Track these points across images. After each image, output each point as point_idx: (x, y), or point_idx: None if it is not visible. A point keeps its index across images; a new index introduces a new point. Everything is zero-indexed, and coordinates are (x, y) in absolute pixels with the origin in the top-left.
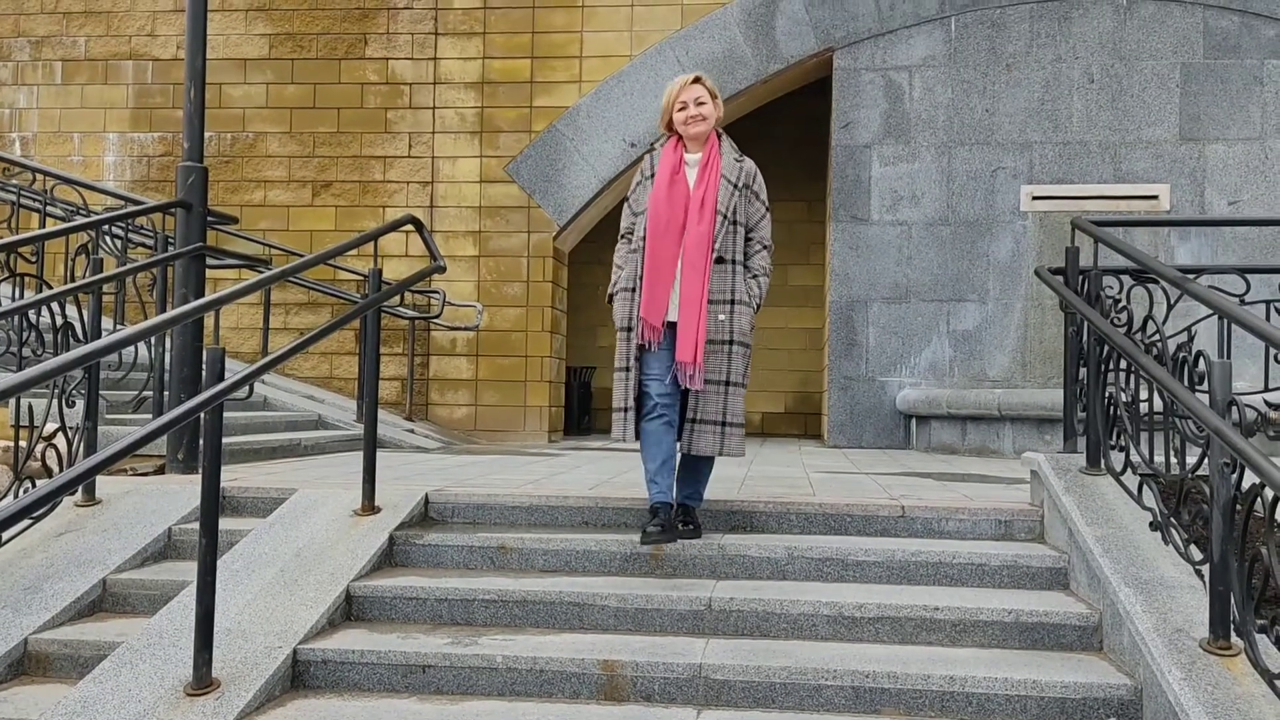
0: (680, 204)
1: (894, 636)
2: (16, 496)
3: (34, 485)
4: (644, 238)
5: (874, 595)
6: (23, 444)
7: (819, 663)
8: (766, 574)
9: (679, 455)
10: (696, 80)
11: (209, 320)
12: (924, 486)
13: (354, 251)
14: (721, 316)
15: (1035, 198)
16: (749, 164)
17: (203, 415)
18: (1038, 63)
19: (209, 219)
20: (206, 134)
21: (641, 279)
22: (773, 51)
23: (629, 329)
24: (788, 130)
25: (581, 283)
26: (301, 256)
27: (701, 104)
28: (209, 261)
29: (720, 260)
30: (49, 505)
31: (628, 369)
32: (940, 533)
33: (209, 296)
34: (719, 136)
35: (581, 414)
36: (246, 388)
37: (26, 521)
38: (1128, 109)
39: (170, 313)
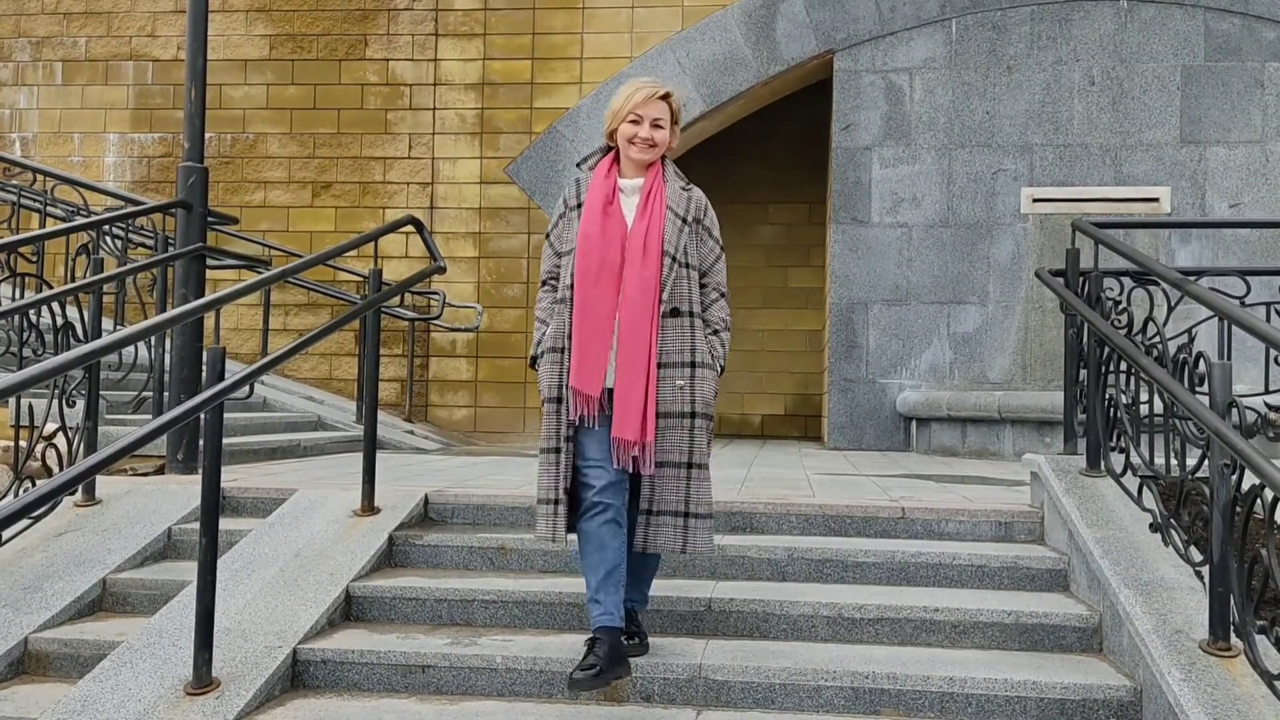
0: (616, 242)
1: (894, 638)
2: (16, 496)
3: (34, 485)
4: (571, 285)
5: (874, 596)
6: (23, 444)
7: (819, 664)
8: (766, 575)
9: (626, 558)
10: (665, 97)
11: (209, 321)
12: (924, 488)
13: (354, 253)
14: (680, 382)
15: (1036, 200)
16: (698, 194)
17: (203, 415)
18: (1038, 65)
19: (209, 219)
20: (207, 135)
21: (570, 337)
22: (773, 53)
23: (558, 400)
24: (788, 132)
25: None
26: (301, 257)
27: (659, 127)
28: (209, 262)
29: (675, 313)
30: (49, 505)
31: (557, 450)
32: (940, 534)
33: (209, 296)
34: (663, 161)
35: None
36: (247, 387)
37: (26, 521)
38: (1128, 111)
39: (170, 312)
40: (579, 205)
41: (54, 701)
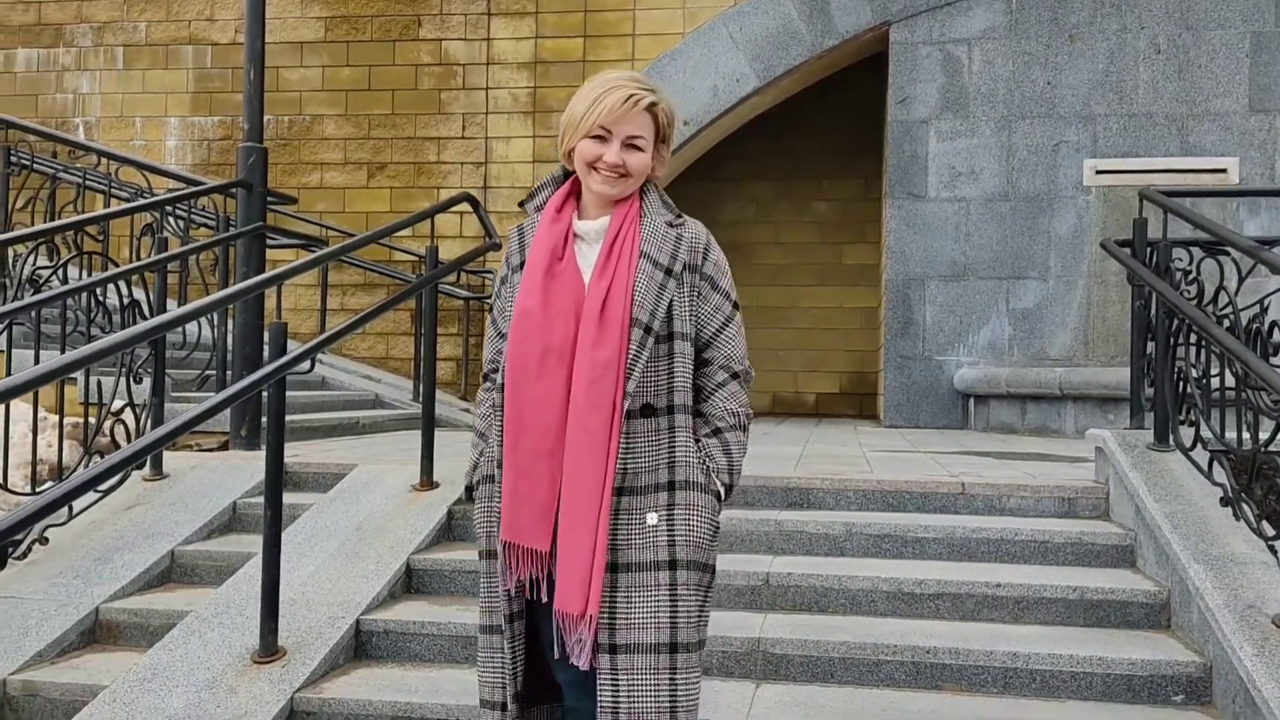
0: (565, 314)
1: (954, 613)
2: (86, 469)
3: (102, 459)
4: (503, 384)
5: (933, 572)
6: (92, 420)
7: (878, 638)
8: (824, 550)
9: None
10: (649, 107)
11: (269, 301)
12: (984, 464)
13: (409, 233)
14: (652, 517)
15: (1099, 172)
16: (694, 229)
17: (266, 390)
18: (1102, 33)
19: (268, 200)
20: (265, 117)
21: (500, 462)
22: (828, 26)
23: (492, 554)
24: (843, 106)
25: None
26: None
27: (635, 148)
28: (269, 241)
29: (648, 411)
30: (117, 477)
31: (497, 629)
32: (1001, 510)
33: (270, 272)
34: (643, 189)
35: None
36: (308, 362)
37: (96, 494)
38: (1195, 80)
39: (233, 287)
40: (521, 265)
41: (124, 669)
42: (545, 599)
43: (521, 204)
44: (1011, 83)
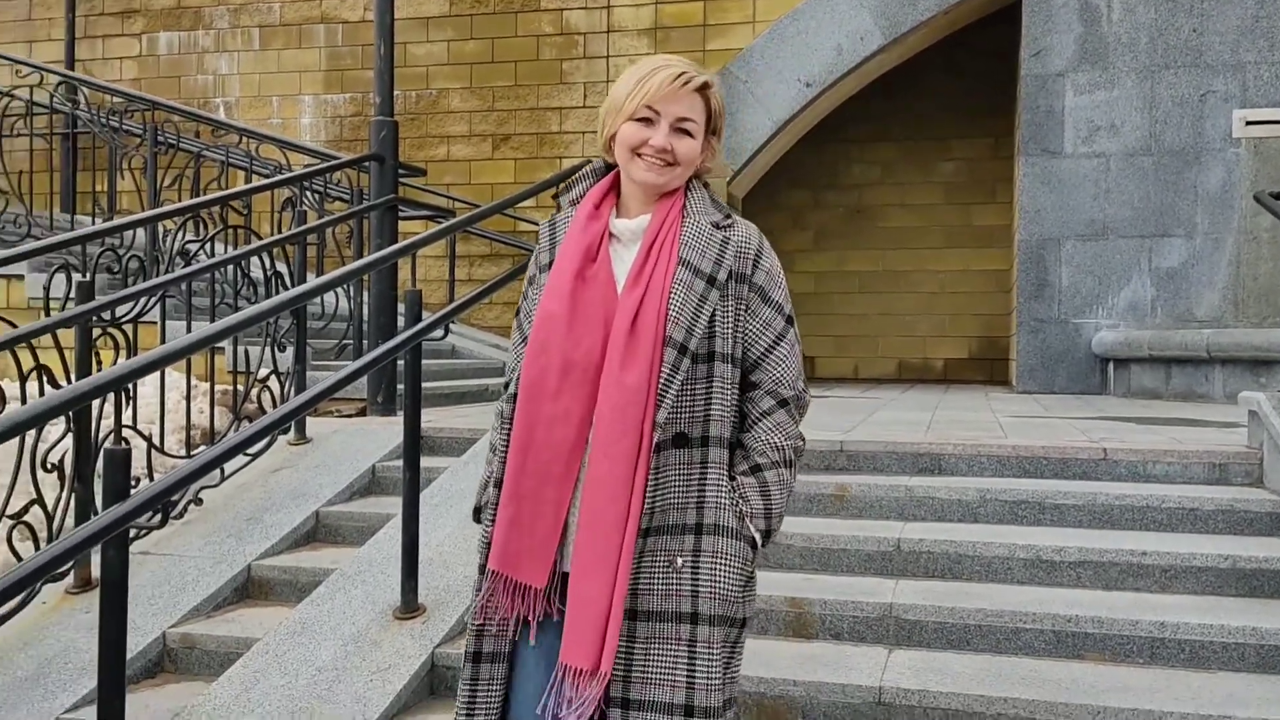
0: (595, 325)
1: (1096, 582)
2: (235, 434)
3: (250, 424)
4: (515, 394)
5: (1073, 539)
6: (240, 387)
7: (1016, 606)
8: (957, 516)
9: None
10: (701, 88)
11: (403, 272)
12: (1125, 430)
13: (532, 203)
14: (680, 560)
15: (1250, 123)
16: (744, 230)
17: (403, 356)
18: None
19: (399, 172)
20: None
21: (501, 481)
22: None
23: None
24: (969, 63)
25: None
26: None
27: (684, 133)
28: (401, 212)
29: (680, 441)
30: (264, 441)
31: (481, 657)
32: (1146, 476)
33: (404, 242)
34: (689, 185)
35: None
36: (442, 329)
37: (245, 457)
38: None
39: (370, 256)
40: (551, 264)
41: (275, 623)
42: (533, 642)
43: (556, 196)
44: (1154, 30)
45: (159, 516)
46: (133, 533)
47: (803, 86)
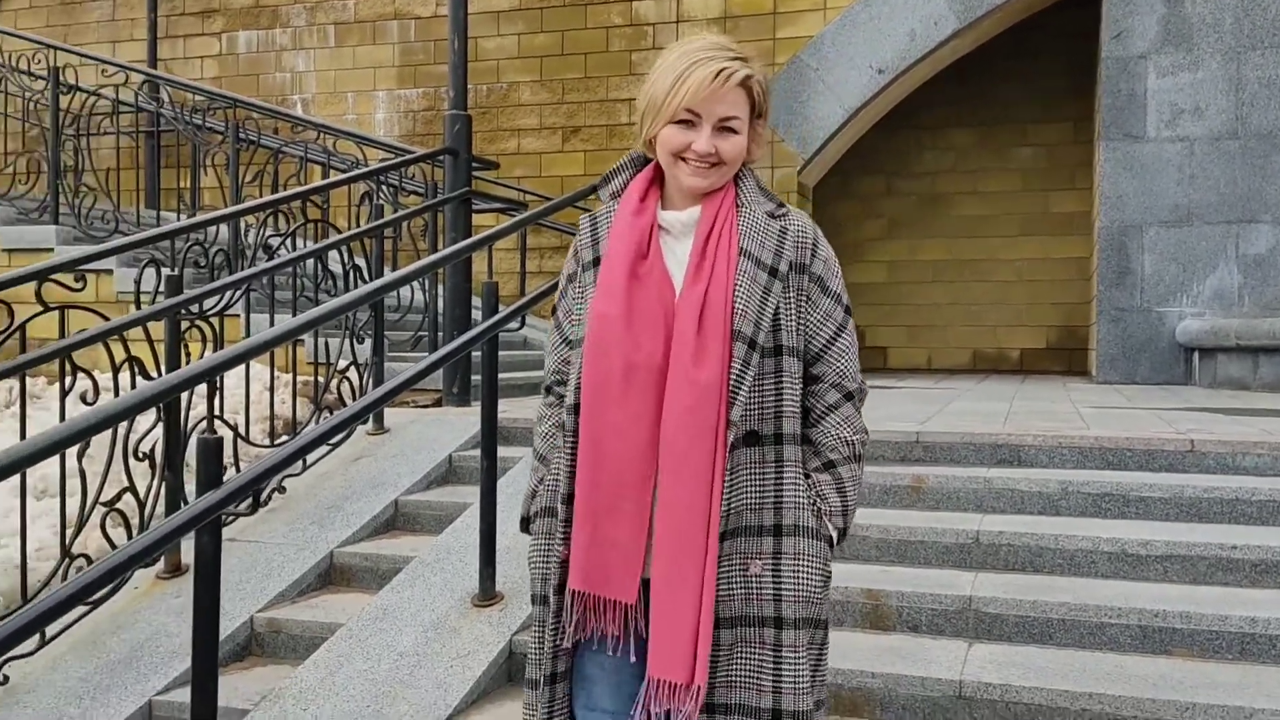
0: (655, 324)
1: (1184, 576)
2: (317, 424)
3: (331, 415)
4: (576, 405)
5: (1160, 533)
6: (320, 378)
7: (1101, 600)
8: (1037, 509)
9: None
10: (743, 81)
11: (477, 264)
12: (1213, 421)
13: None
14: (755, 568)
15: None
16: (798, 220)
17: (481, 348)
18: None
19: (472, 165)
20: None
21: (568, 499)
22: None
23: (547, 599)
24: (1046, 46)
25: (827, 218)
26: (552, 200)
27: (729, 131)
28: (474, 205)
29: (751, 439)
30: (345, 432)
31: (548, 680)
32: (1235, 469)
33: (479, 235)
34: (737, 176)
35: None
36: (517, 320)
37: (326, 447)
38: None
39: (447, 249)
40: (596, 260)
41: (358, 609)
42: (617, 654)
43: (595, 189)
44: (1239, 10)
45: (250, 503)
46: None
47: (875, 73)
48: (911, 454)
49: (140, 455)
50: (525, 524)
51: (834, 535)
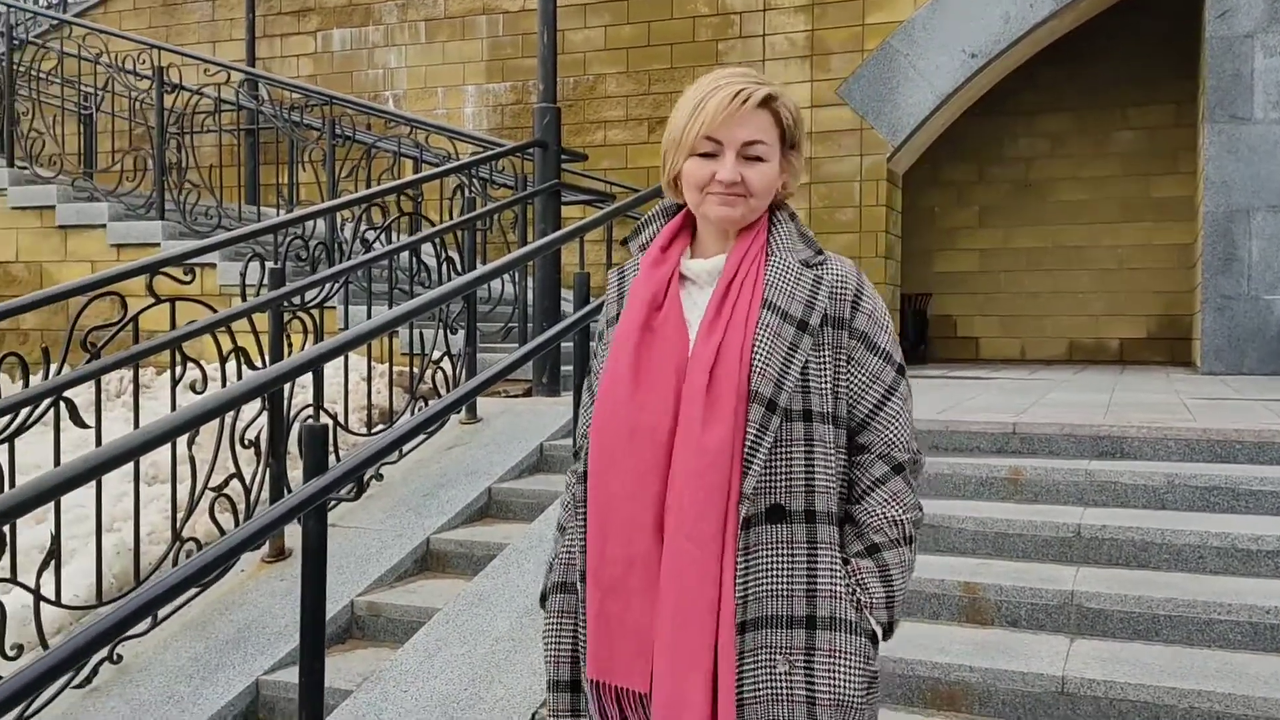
0: (665, 375)
1: None
2: (413, 414)
3: (426, 404)
4: (585, 471)
5: (1273, 528)
6: (414, 369)
7: (1209, 596)
8: (1141, 502)
9: None
10: (765, 102)
11: (565, 256)
12: None
13: None
14: (784, 665)
15: None
16: (838, 268)
17: (572, 337)
18: None
19: (561, 157)
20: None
21: (584, 575)
22: None
23: (570, 688)
24: (1146, 26)
25: (916, 206)
26: (639, 192)
27: (754, 159)
28: (562, 198)
29: (776, 514)
30: (440, 422)
31: None
32: None
33: (570, 228)
34: (772, 216)
35: (918, 341)
36: None
37: (422, 436)
38: None
39: (539, 241)
40: (618, 317)
41: (454, 594)
42: None
43: (625, 241)
44: None
45: (353, 489)
46: None
47: (967, 57)
48: (1008, 445)
49: (246, 443)
50: (543, 600)
51: (878, 631)
